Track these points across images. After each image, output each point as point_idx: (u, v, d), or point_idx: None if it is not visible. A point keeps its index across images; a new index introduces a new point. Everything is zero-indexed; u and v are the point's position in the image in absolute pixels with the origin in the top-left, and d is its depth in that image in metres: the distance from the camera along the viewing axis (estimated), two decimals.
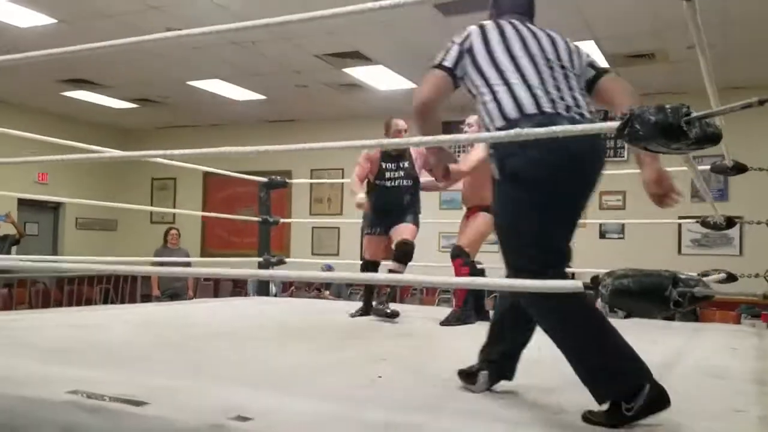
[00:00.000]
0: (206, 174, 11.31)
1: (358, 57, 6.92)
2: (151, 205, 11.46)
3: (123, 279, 7.95)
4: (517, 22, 2.00)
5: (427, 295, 8.80)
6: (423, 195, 4.33)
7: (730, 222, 3.94)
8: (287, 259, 6.18)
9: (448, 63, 1.93)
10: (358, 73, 7.58)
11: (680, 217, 5.78)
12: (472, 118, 4.00)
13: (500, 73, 1.85)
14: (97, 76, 8.07)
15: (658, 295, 1.32)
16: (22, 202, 9.33)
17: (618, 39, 6.28)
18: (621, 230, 8.34)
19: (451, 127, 9.47)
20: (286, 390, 2.00)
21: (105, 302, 7.66)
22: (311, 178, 9.92)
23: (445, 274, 3.30)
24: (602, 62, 5.41)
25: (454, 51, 1.94)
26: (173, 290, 7.85)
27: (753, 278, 3.17)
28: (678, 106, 1.33)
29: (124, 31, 6.41)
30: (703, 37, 1.91)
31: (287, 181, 6.20)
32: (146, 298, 8.16)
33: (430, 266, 5.28)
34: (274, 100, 9.02)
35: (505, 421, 1.67)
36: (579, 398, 1.68)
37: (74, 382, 1.96)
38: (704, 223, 3.94)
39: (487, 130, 1.86)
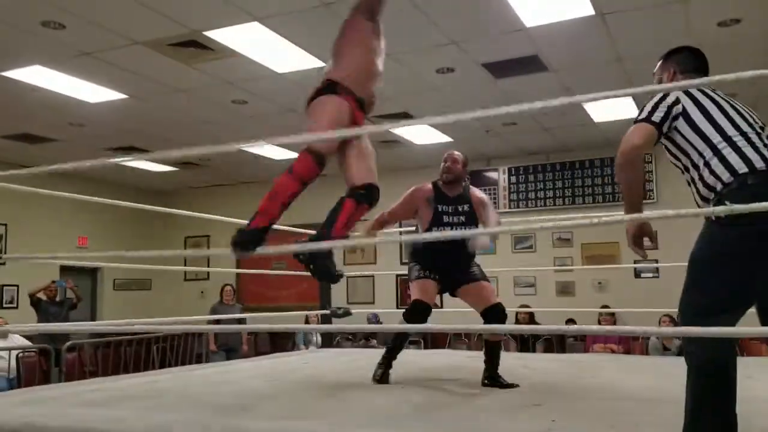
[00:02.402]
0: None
1: (406, 117, 7.32)
2: (185, 264, 11.72)
3: (178, 337, 8.16)
4: (708, 91, 2.16)
5: (477, 340, 9.00)
6: None
7: None
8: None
9: (656, 119, 2.10)
10: (399, 130, 7.99)
11: None
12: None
13: (721, 133, 2.03)
14: (148, 144, 8.41)
15: None
16: (64, 267, 9.56)
17: None
18: (656, 269, 8.66)
19: (481, 174, 9.77)
20: None
21: (163, 361, 7.82)
22: None
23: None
24: None
25: (661, 110, 2.10)
26: (229, 345, 8.07)
27: None
28: None
29: (193, 104, 6.83)
30: None
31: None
32: (198, 357, 8.32)
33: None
34: None
35: None
36: None
37: None
38: None
39: (707, 186, 2.02)
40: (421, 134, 8.31)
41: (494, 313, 3.48)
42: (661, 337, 6.45)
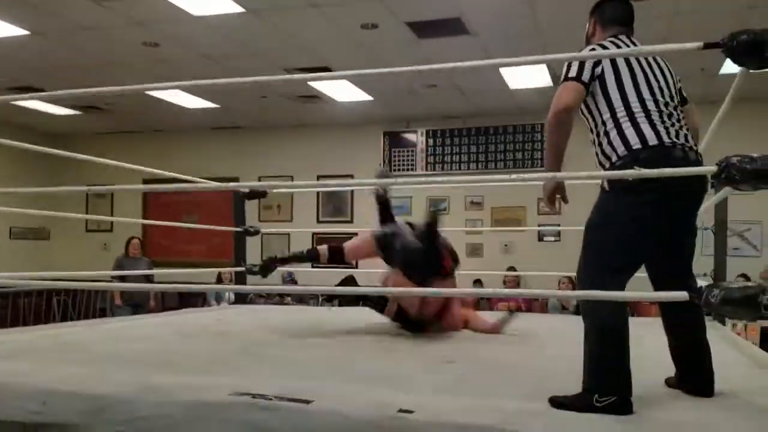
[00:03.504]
0: (146, 181, 11.16)
1: (327, 71, 7.21)
2: (87, 213, 11.16)
3: (81, 290, 7.81)
4: (629, 44, 2.22)
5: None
6: None
7: None
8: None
9: (585, 79, 2.12)
10: (320, 85, 7.87)
11: None
12: None
13: (626, 105, 2.10)
14: (48, 84, 7.86)
15: (755, 302, 1.72)
16: None
17: None
18: (557, 234, 9.09)
19: (400, 136, 9.82)
20: (421, 386, 2.32)
21: (65, 314, 7.50)
22: None
23: None
24: None
25: (587, 69, 2.12)
26: (135, 300, 7.83)
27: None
28: (765, 156, 1.80)
29: (101, 45, 6.42)
30: None
31: (267, 191, 6.39)
32: (102, 311, 8.04)
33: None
34: (228, 108, 9.12)
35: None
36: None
37: (222, 387, 2.17)
38: None
39: (604, 154, 2.13)
40: (344, 91, 8.22)
41: None
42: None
